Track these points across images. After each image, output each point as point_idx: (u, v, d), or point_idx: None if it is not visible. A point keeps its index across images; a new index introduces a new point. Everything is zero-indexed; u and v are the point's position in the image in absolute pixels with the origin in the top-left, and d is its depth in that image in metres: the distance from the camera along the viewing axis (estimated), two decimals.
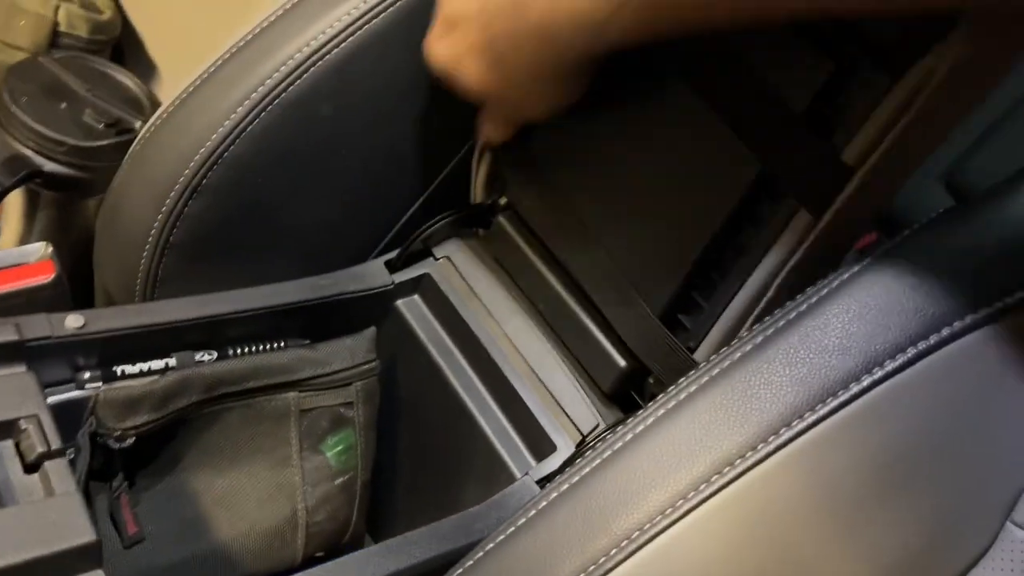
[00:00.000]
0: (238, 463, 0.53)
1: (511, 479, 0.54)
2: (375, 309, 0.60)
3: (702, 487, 0.37)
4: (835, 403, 0.37)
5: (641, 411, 0.40)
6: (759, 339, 0.39)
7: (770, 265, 0.44)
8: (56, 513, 0.38)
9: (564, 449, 0.53)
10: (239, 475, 0.53)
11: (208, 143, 0.52)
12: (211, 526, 0.52)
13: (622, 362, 0.52)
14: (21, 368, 0.44)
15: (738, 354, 0.40)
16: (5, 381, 0.42)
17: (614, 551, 0.37)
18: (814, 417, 0.37)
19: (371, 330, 0.58)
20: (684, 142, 0.47)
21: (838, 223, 0.41)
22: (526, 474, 0.52)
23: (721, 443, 0.38)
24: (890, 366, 0.37)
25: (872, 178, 0.39)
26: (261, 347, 0.55)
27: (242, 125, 0.53)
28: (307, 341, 0.57)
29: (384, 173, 0.60)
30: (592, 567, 0.37)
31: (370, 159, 0.59)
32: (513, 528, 0.40)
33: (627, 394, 0.54)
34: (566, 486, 0.40)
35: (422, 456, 0.60)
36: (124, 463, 0.49)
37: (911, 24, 0.37)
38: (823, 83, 0.40)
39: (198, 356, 0.52)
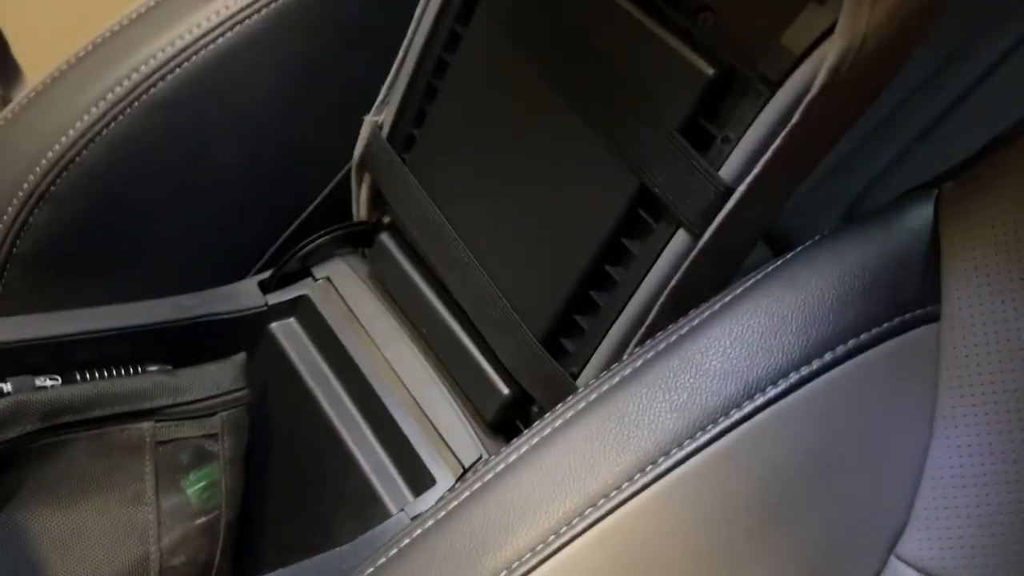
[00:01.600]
0: (82, 500, 0.48)
1: (386, 515, 0.50)
2: (247, 333, 0.56)
3: (575, 521, 0.34)
4: (715, 431, 0.35)
5: (515, 439, 0.37)
6: (638, 363, 0.37)
7: (651, 286, 0.42)
8: None
9: (444, 483, 0.49)
10: (83, 513, 0.48)
11: (56, 146, 0.48)
12: (48, 571, 0.47)
13: (505, 390, 0.50)
14: None
15: (617, 378, 0.37)
16: None
17: None
18: (694, 445, 0.35)
19: (240, 356, 0.54)
20: (563, 160, 0.45)
21: (719, 242, 0.39)
22: (401, 510, 0.49)
23: (597, 473, 0.35)
24: (772, 392, 0.35)
25: (752, 195, 0.38)
26: (114, 372, 0.50)
27: (96, 128, 0.48)
28: (169, 367, 0.52)
29: (260, 187, 0.57)
30: None
31: (244, 171, 0.55)
32: (372, 568, 0.36)
33: (512, 424, 0.51)
34: (431, 521, 0.37)
35: (295, 492, 0.56)
36: None
37: (786, 35, 0.36)
38: (700, 94, 0.39)
39: (38, 381, 0.47)
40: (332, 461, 0.53)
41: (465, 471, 0.50)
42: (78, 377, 0.49)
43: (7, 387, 0.46)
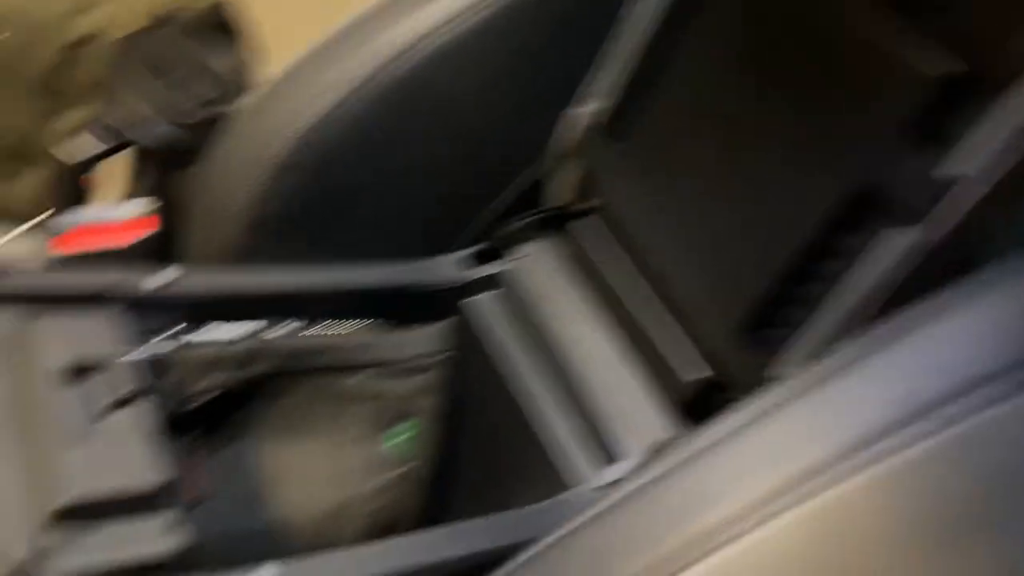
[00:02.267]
0: (301, 439, 0.54)
1: (572, 484, 0.53)
2: (448, 303, 0.60)
3: (782, 497, 0.36)
4: (934, 423, 0.35)
5: (722, 415, 0.39)
6: (856, 351, 0.38)
7: (865, 283, 0.42)
8: (136, 452, 0.39)
9: (631, 458, 0.52)
10: (301, 452, 0.54)
11: (303, 122, 0.53)
12: (268, 500, 0.52)
13: (698, 374, 0.51)
14: (113, 313, 0.45)
15: (834, 364, 0.38)
16: (97, 322, 0.43)
17: (680, 556, 0.36)
18: (909, 436, 0.35)
19: (444, 323, 0.58)
20: (781, 152, 0.47)
21: (943, 243, 0.39)
22: (588, 480, 0.51)
23: (807, 454, 0.36)
24: (992, 391, 0.36)
25: (980, 196, 0.38)
26: (337, 327, 0.55)
27: (338, 106, 0.53)
28: (380, 326, 0.57)
29: (470, 167, 0.61)
30: (656, 570, 0.36)
31: (458, 151, 0.59)
32: (579, 523, 0.39)
33: (702, 408, 0.53)
34: (637, 484, 0.39)
35: (483, 454, 0.59)
36: (195, 423, 0.49)
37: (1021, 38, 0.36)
38: (930, 93, 0.39)
39: (277, 327, 0.53)
40: (521, 428, 0.56)
41: (656, 449, 0.52)
42: (308, 328, 0.54)
43: (253, 329, 0.52)
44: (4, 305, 0.42)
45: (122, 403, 0.41)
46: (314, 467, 0.54)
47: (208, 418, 0.50)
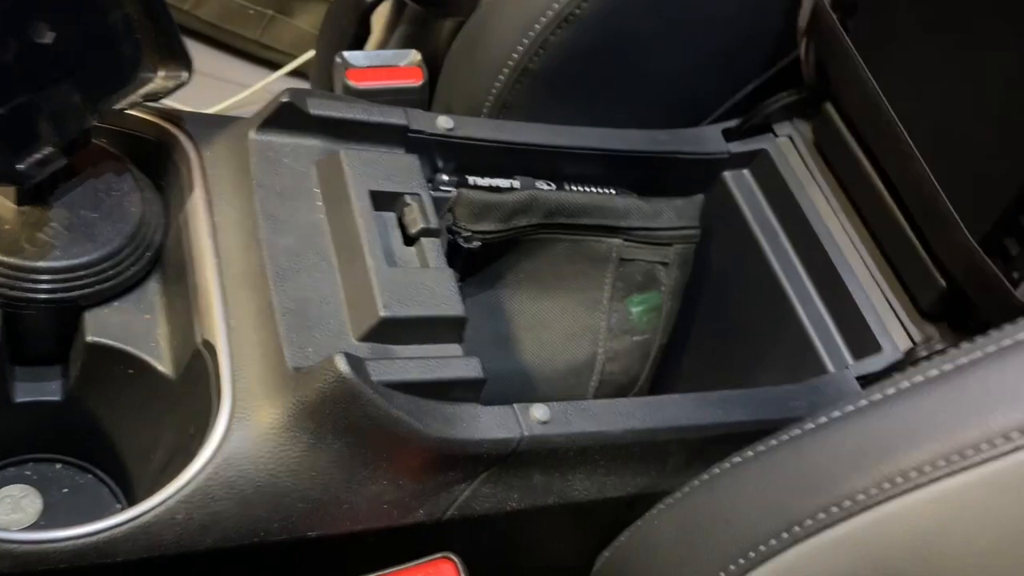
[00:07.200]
0: (553, 295, 0.55)
1: (822, 371, 0.52)
2: (704, 176, 0.59)
3: None
4: None
5: (993, 331, 0.36)
6: None
7: None
8: (432, 283, 0.41)
9: (890, 352, 0.50)
10: (552, 306, 0.55)
11: None
12: (519, 347, 0.54)
13: (942, 282, 0.48)
14: (402, 151, 0.46)
15: None
16: (393, 159, 0.45)
17: (985, 445, 0.35)
18: None
19: (699, 197, 0.57)
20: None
21: None
22: (846, 368, 0.50)
23: None
24: None
25: None
26: (591, 190, 0.55)
27: None
28: (633, 194, 0.57)
29: (741, 35, 0.58)
30: (957, 457, 0.35)
31: (732, 17, 0.57)
32: (866, 402, 0.38)
33: (945, 315, 0.50)
34: (935, 372, 0.37)
35: (724, 332, 0.59)
36: (463, 265, 0.51)
37: None
38: None
39: (538, 184, 0.54)
40: (770, 310, 0.55)
41: (915, 346, 0.50)
42: (566, 187, 0.54)
43: (516, 183, 0.53)
44: (315, 129, 0.44)
45: (423, 235, 0.43)
46: (562, 322, 0.55)
47: (471, 264, 0.52)
